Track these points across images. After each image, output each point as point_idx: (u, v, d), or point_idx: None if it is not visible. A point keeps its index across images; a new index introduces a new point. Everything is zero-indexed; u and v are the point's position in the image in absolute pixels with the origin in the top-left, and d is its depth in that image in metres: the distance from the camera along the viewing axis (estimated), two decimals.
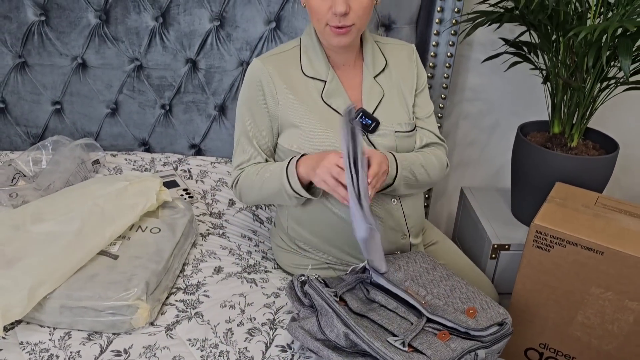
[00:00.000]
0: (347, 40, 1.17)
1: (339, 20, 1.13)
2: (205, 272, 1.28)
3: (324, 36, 1.19)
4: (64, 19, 1.58)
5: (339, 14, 1.12)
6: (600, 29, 1.28)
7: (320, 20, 1.16)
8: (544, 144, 1.61)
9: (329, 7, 1.13)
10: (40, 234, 1.18)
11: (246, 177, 1.27)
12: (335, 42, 1.18)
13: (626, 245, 1.24)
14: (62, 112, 1.71)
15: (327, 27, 1.16)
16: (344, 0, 1.11)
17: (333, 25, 1.14)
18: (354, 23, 1.15)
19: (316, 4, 1.14)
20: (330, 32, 1.16)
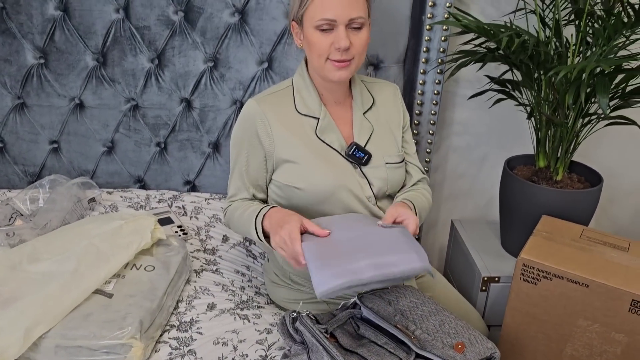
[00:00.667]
0: (346, 75, 1.23)
1: (341, 54, 1.19)
2: (199, 308, 1.29)
3: (323, 71, 1.24)
4: (63, 62, 1.64)
5: (342, 48, 1.18)
6: (579, 68, 1.33)
7: (321, 56, 1.21)
8: (530, 178, 1.65)
9: (330, 43, 1.19)
10: (37, 273, 1.20)
11: (232, 212, 1.34)
12: (337, 76, 1.23)
13: (610, 278, 1.27)
14: (60, 151, 1.75)
15: (328, 62, 1.21)
16: (346, 35, 1.17)
17: (335, 59, 1.20)
18: (353, 57, 1.21)
19: (318, 40, 1.19)
20: (332, 67, 1.21)
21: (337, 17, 1.16)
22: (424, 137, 1.78)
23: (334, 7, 1.16)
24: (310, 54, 1.24)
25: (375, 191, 1.31)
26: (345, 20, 1.17)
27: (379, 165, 1.31)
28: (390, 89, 1.41)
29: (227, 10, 1.61)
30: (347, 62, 1.21)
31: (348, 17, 1.17)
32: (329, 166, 1.27)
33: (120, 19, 1.60)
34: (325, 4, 1.16)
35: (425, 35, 1.64)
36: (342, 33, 1.17)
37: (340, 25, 1.17)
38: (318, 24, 1.18)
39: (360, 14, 1.18)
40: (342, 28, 1.17)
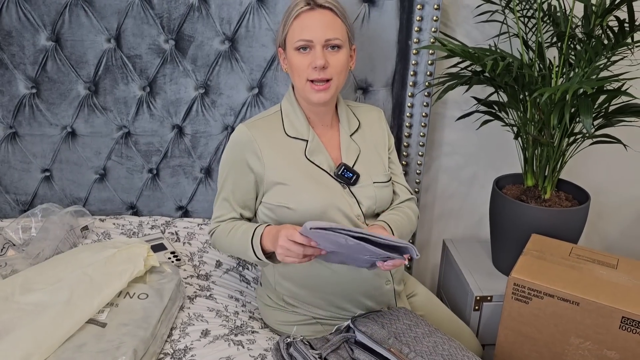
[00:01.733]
0: (326, 96, 1.28)
1: (319, 73, 1.24)
2: (193, 335, 1.29)
3: (305, 93, 1.29)
4: (55, 91, 1.65)
5: (318, 66, 1.23)
6: (562, 90, 1.37)
7: (301, 76, 1.27)
8: (519, 197, 1.68)
9: (309, 63, 1.25)
10: (29, 304, 1.20)
11: (220, 233, 1.37)
12: (316, 97, 1.27)
13: (600, 296, 1.28)
14: (52, 179, 1.75)
15: (307, 84, 1.27)
16: (322, 54, 1.24)
17: (313, 79, 1.25)
18: (331, 78, 1.26)
19: (297, 61, 1.26)
20: (311, 89, 1.27)
21: (314, 37, 1.24)
22: (413, 159, 1.80)
23: (311, 28, 1.24)
24: (292, 77, 1.31)
25: (364, 210, 1.33)
26: (321, 40, 1.24)
27: (367, 184, 1.35)
28: (375, 113, 1.46)
29: (218, 38, 1.63)
30: (327, 84, 1.26)
31: (324, 38, 1.24)
32: (319, 186, 1.30)
33: (111, 49, 1.62)
34: (302, 25, 1.24)
35: (412, 59, 1.67)
36: (319, 52, 1.24)
37: (317, 45, 1.24)
38: (297, 45, 1.25)
39: (336, 35, 1.25)
40: (319, 48, 1.24)
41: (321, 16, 1.25)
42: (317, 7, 1.25)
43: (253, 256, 1.26)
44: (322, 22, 1.24)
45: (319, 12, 1.25)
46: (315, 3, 1.25)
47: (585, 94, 1.43)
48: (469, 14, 1.76)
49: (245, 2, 1.60)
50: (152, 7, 1.59)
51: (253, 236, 1.26)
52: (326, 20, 1.25)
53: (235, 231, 1.32)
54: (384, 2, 1.62)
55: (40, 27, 1.58)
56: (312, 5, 1.25)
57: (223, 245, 1.38)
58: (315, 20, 1.24)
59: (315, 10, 1.25)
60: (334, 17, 1.26)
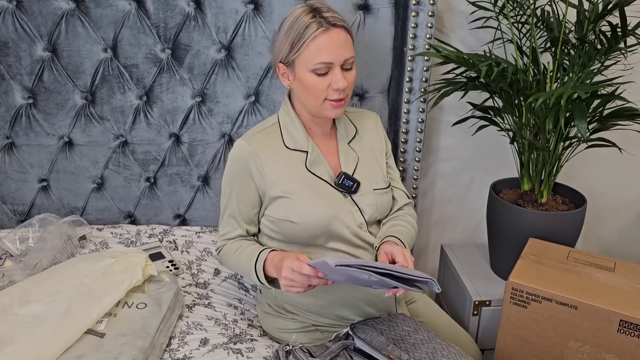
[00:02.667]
0: (342, 111, 1.30)
1: (339, 94, 1.24)
2: (192, 344, 1.29)
3: (320, 110, 1.28)
4: (52, 101, 1.65)
5: (341, 89, 1.23)
6: (556, 95, 1.38)
7: (319, 97, 1.26)
8: (516, 201, 1.68)
9: (328, 85, 1.24)
10: (27, 316, 1.19)
11: (226, 253, 1.37)
12: (334, 113, 1.28)
13: (598, 299, 1.29)
14: (49, 189, 1.75)
15: (326, 102, 1.26)
16: (342, 76, 1.23)
17: (333, 99, 1.25)
18: (348, 94, 1.28)
19: (315, 83, 1.24)
20: (330, 106, 1.27)
21: (334, 59, 1.22)
22: (410, 164, 1.81)
23: (330, 50, 1.21)
24: (305, 96, 1.28)
25: (366, 218, 1.34)
26: (340, 61, 1.23)
27: (367, 192, 1.35)
28: (371, 118, 1.47)
29: (214, 46, 1.64)
30: (344, 100, 1.27)
31: (343, 59, 1.23)
32: (322, 198, 1.30)
33: (108, 58, 1.63)
34: (320, 48, 1.21)
35: (407, 66, 1.68)
36: (339, 75, 1.23)
37: (337, 67, 1.23)
38: (315, 68, 1.22)
39: (351, 53, 1.25)
40: (338, 70, 1.23)
41: (337, 37, 1.22)
42: (331, 27, 1.21)
43: (257, 282, 1.28)
44: (339, 42, 1.22)
45: (335, 32, 1.21)
46: (329, 23, 1.21)
47: (580, 99, 1.44)
48: (464, 20, 1.77)
49: (241, 10, 1.61)
50: (148, 16, 1.59)
51: (256, 262, 1.26)
52: (341, 40, 1.22)
53: (240, 253, 1.33)
54: (379, 9, 1.63)
55: (36, 37, 1.59)
56: (326, 27, 1.21)
57: (230, 265, 1.38)
58: (333, 41, 1.21)
59: (330, 31, 1.21)
60: (347, 36, 1.24)
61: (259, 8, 1.61)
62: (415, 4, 1.61)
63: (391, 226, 1.38)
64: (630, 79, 1.76)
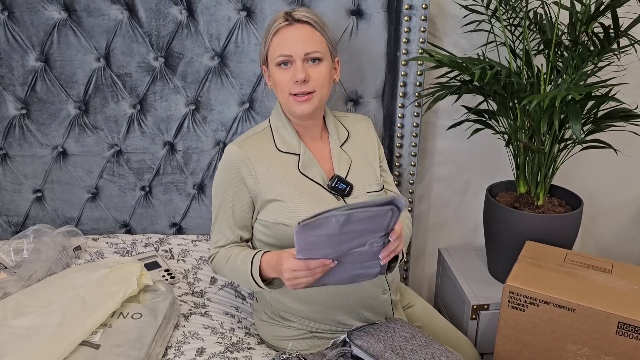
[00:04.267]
0: (309, 108, 1.28)
1: (300, 87, 1.25)
2: (188, 354, 1.28)
3: (289, 107, 1.30)
4: (45, 112, 1.65)
5: (299, 80, 1.25)
6: (550, 97, 1.38)
7: (284, 92, 1.28)
8: (512, 204, 1.68)
9: (290, 78, 1.26)
10: (21, 328, 1.18)
11: (219, 261, 1.36)
12: (300, 109, 1.28)
13: (596, 301, 1.28)
14: (43, 200, 1.74)
15: (290, 97, 1.28)
16: (302, 68, 1.25)
17: (295, 93, 1.26)
18: (314, 90, 1.27)
19: (279, 76, 1.28)
20: (294, 102, 1.28)
21: (293, 52, 1.25)
22: (406, 169, 1.80)
23: (290, 43, 1.25)
24: (277, 93, 1.32)
25: None
26: (301, 54, 1.25)
27: (360, 194, 1.35)
28: (363, 122, 1.47)
29: (207, 54, 1.64)
30: (309, 95, 1.27)
31: (303, 52, 1.25)
32: (315, 200, 1.29)
33: (101, 68, 1.62)
34: (282, 41, 1.26)
35: (401, 70, 1.68)
36: (299, 66, 1.25)
37: (297, 59, 1.25)
38: (277, 61, 1.27)
39: (315, 48, 1.26)
40: (299, 62, 1.25)
41: (299, 31, 1.26)
42: (295, 22, 1.27)
43: (257, 288, 1.26)
44: (301, 36, 1.26)
45: (297, 27, 1.27)
46: (292, 18, 1.27)
47: (574, 101, 1.44)
48: (457, 23, 1.77)
49: (234, 18, 1.61)
50: (140, 25, 1.59)
51: (252, 268, 1.25)
52: (305, 34, 1.26)
53: (233, 260, 1.30)
54: (371, 14, 1.63)
55: (29, 47, 1.58)
56: (290, 21, 1.27)
57: (224, 273, 1.36)
58: (294, 35, 1.26)
59: (293, 26, 1.27)
60: (313, 31, 1.28)
61: (252, 15, 1.61)
62: (408, 8, 1.61)
63: None
64: (624, 80, 1.76)
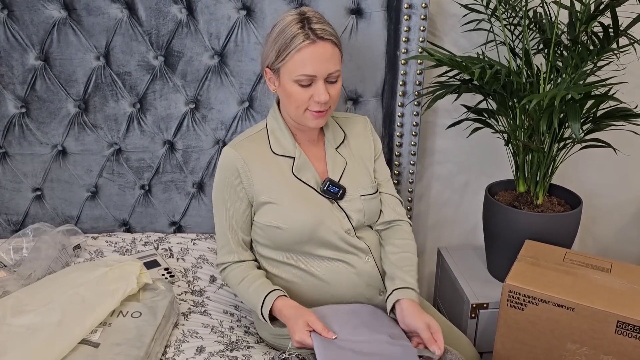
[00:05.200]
0: (323, 122, 1.30)
1: (321, 106, 1.25)
2: (187, 353, 1.28)
3: (301, 120, 1.30)
4: (44, 110, 1.65)
5: (322, 102, 1.23)
6: (550, 96, 1.38)
7: (300, 107, 1.26)
8: (512, 203, 1.68)
9: (310, 96, 1.24)
10: (21, 327, 1.18)
11: (232, 278, 1.37)
12: (314, 124, 1.29)
13: (595, 301, 1.28)
14: (43, 198, 1.74)
15: (306, 112, 1.27)
16: (325, 89, 1.23)
17: (314, 110, 1.26)
18: (330, 106, 1.28)
19: (297, 93, 1.24)
20: (311, 116, 1.27)
21: (317, 72, 1.22)
22: (405, 168, 1.80)
23: (313, 63, 1.21)
24: (288, 104, 1.29)
25: (354, 223, 1.33)
26: (324, 75, 1.23)
27: (354, 198, 1.35)
28: (360, 122, 1.47)
29: (207, 53, 1.64)
30: (325, 112, 1.27)
31: (327, 72, 1.23)
32: (308, 204, 1.30)
33: (100, 66, 1.62)
34: (305, 60, 1.21)
35: (401, 69, 1.68)
36: (322, 88, 1.22)
37: (320, 80, 1.23)
38: (298, 79, 1.23)
39: (337, 67, 1.25)
40: (321, 83, 1.23)
41: (323, 50, 1.21)
42: (318, 39, 1.21)
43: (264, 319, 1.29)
44: (324, 56, 1.21)
45: (321, 45, 1.21)
46: (316, 36, 1.21)
47: (573, 100, 1.44)
48: (456, 22, 1.77)
49: (234, 16, 1.61)
50: (140, 24, 1.59)
51: (263, 306, 1.27)
52: (328, 54, 1.22)
53: (246, 285, 1.32)
54: (371, 13, 1.63)
55: (28, 46, 1.58)
56: (312, 39, 1.21)
57: (234, 290, 1.39)
58: (318, 55, 1.21)
59: (316, 44, 1.21)
60: (334, 49, 1.24)
61: (251, 14, 1.61)
62: (408, 7, 1.61)
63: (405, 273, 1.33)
64: (623, 79, 1.76)
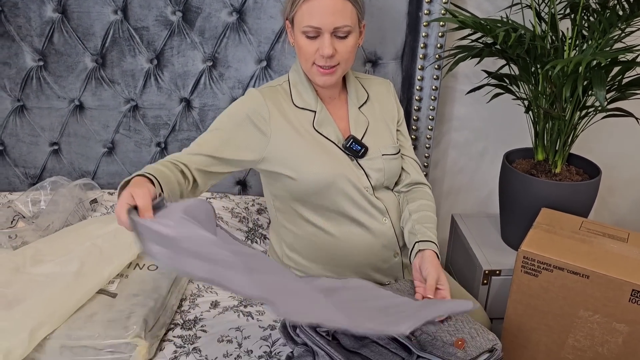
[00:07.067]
0: (331, 80, 1.25)
1: (325, 61, 1.21)
2: (202, 307, 1.30)
3: (310, 74, 1.27)
4: (62, 64, 1.64)
5: (325, 56, 1.20)
6: (575, 62, 1.34)
7: (307, 60, 1.24)
8: (529, 171, 1.66)
9: (316, 49, 1.21)
10: (40, 275, 1.21)
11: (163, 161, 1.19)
12: (321, 81, 1.25)
13: (610, 269, 1.28)
14: (60, 153, 1.75)
15: (313, 67, 1.24)
16: (330, 43, 1.19)
17: (319, 65, 1.22)
18: (338, 63, 1.23)
19: (304, 45, 1.22)
20: (317, 72, 1.24)
21: (322, 25, 1.18)
22: (423, 133, 1.79)
23: (320, 15, 1.17)
24: (299, 57, 1.27)
25: (372, 182, 1.32)
26: (330, 28, 1.19)
27: (375, 157, 1.34)
28: (384, 85, 1.44)
29: (225, 9, 1.61)
30: (333, 69, 1.23)
31: (333, 26, 1.19)
32: (327, 157, 1.28)
33: (118, 20, 1.61)
34: (312, 11, 1.18)
35: (422, 31, 1.64)
36: (327, 41, 1.19)
37: (326, 33, 1.19)
38: (304, 30, 1.20)
39: (346, 22, 1.19)
40: (327, 36, 1.19)
41: (331, 3, 1.17)
42: None
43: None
44: (332, 9, 1.17)
45: None
46: None
47: (599, 66, 1.41)
48: None
49: None
50: None
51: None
52: (336, 7, 1.18)
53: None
54: None
55: None
56: None
57: None
58: (324, 7, 1.17)
59: None
60: (345, 3, 1.19)
61: None
62: None
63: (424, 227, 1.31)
64: None
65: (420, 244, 1.28)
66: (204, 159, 1.21)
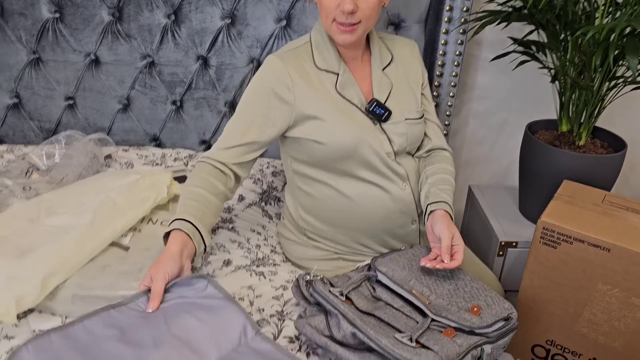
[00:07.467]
0: (352, 39, 1.21)
1: (346, 17, 1.16)
2: (215, 264, 1.29)
3: (330, 32, 1.22)
4: (78, 16, 1.61)
5: (346, 12, 1.15)
6: (608, 28, 1.29)
7: (328, 17, 1.19)
8: (552, 142, 1.62)
9: (337, 5, 1.16)
10: (54, 226, 1.20)
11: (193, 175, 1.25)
12: (341, 39, 1.21)
13: (633, 243, 1.24)
14: (75, 107, 1.74)
15: (334, 24, 1.19)
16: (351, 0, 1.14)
17: (340, 22, 1.18)
18: (360, 21, 1.18)
19: (325, 0, 1.17)
20: (337, 29, 1.19)
21: None
22: (444, 100, 1.74)
23: None
24: (320, 13, 1.22)
25: (395, 148, 1.29)
26: None
27: (399, 121, 1.30)
28: (408, 46, 1.39)
29: None
30: (353, 27, 1.18)
31: None
32: (350, 121, 1.25)
33: None
34: None
35: None
36: None
37: None
38: None
39: None
40: None
41: None
42: None
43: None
44: None
45: None
46: None
47: (633, 34, 1.35)
48: None
49: None
50: None
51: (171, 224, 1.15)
52: None
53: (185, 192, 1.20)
54: None
55: None
56: None
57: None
58: None
59: None
60: None
61: None
62: None
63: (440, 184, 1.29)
64: None
65: (432, 205, 1.26)
66: (237, 150, 1.25)
